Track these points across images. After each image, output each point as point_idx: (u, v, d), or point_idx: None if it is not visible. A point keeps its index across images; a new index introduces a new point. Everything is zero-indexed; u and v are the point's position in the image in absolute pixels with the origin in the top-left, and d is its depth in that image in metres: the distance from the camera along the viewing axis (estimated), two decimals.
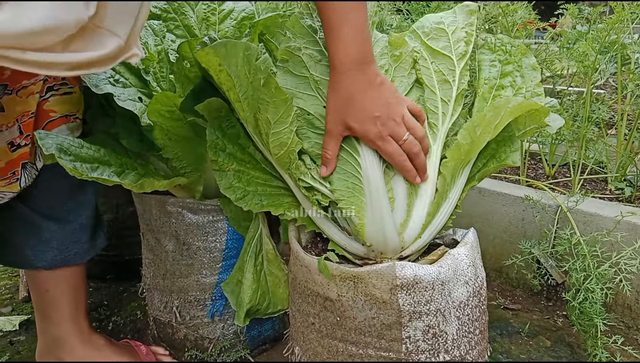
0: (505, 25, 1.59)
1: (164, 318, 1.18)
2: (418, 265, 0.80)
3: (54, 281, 1.07)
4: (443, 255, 0.87)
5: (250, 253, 1.08)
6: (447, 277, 0.81)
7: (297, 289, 0.93)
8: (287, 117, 0.83)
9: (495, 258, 1.54)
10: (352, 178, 0.87)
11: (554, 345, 1.26)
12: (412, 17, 1.79)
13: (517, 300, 1.46)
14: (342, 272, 0.82)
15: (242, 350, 1.18)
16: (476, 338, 0.86)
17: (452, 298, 0.82)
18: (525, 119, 0.94)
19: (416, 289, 0.79)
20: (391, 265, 0.79)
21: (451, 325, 0.82)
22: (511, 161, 0.92)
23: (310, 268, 0.88)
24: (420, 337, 0.80)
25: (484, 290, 0.90)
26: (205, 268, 1.12)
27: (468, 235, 0.93)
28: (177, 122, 0.96)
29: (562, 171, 1.73)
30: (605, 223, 1.30)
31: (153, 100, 0.91)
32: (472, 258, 0.87)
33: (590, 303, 1.08)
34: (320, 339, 0.88)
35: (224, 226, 1.11)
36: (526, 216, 1.46)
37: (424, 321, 0.80)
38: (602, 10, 1.68)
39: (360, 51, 0.81)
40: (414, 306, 0.79)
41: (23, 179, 0.93)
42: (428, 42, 0.94)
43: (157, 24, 1.11)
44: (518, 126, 0.95)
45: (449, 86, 0.92)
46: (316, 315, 0.88)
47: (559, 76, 1.90)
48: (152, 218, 1.13)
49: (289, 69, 0.88)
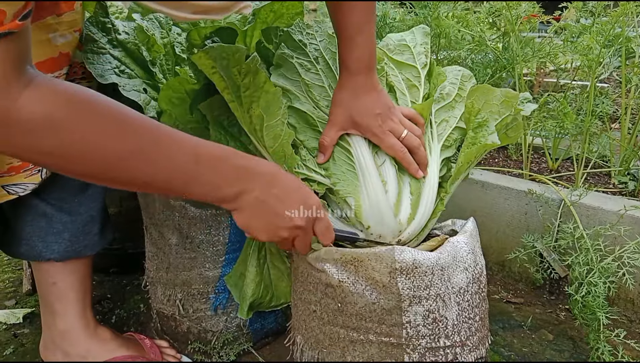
0: (509, 18, 1.59)
1: (167, 311, 1.18)
2: (417, 250, 0.81)
3: (63, 274, 1.08)
4: (443, 242, 0.88)
5: (253, 247, 1.08)
6: (447, 263, 0.82)
7: (298, 278, 0.94)
8: (278, 110, 0.90)
9: (498, 252, 1.54)
10: (346, 164, 0.95)
11: (557, 338, 1.26)
12: (415, 10, 1.78)
13: (520, 294, 1.46)
14: (342, 255, 0.83)
15: (245, 343, 1.18)
16: (476, 324, 0.87)
17: (452, 283, 0.83)
18: (499, 106, 1.01)
19: (415, 273, 0.80)
20: (390, 249, 0.80)
21: (451, 311, 0.83)
22: (492, 141, 0.97)
23: (311, 257, 0.88)
24: (421, 321, 0.81)
25: (484, 277, 0.90)
26: (208, 261, 1.12)
27: (467, 224, 0.94)
28: (186, 111, 0.96)
29: (566, 165, 1.73)
30: (609, 216, 1.30)
31: (165, 85, 0.91)
32: (472, 246, 0.88)
33: (593, 296, 1.08)
34: (321, 326, 0.89)
35: (227, 219, 1.11)
36: (529, 210, 1.45)
37: (424, 306, 0.81)
38: (607, 4, 1.67)
39: (370, 58, 0.92)
40: (413, 290, 0.80)
41: (44, 171, 0.95)
42: (393, 56, 1.08)
43: (164, 17, 1.11)
44: (493, 116, 1.01)
45: (417, 90, 1.05)
46: (317, 302, 0.89)
47: (563, 70, 1.89)
48: (156, 212, 1.13)
49: (282, 72, 0.98)
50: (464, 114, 1.03)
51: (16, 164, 0.92)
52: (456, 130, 1.03)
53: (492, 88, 1.01)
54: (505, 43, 1.71)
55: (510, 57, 1.61)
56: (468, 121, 1.02)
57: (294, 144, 0.95)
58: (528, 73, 2.08)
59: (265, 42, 1.02)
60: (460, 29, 1.68)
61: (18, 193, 0.95)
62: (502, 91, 1.00)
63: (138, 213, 1.51)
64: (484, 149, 1.00)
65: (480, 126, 1.00)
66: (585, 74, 1.83)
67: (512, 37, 1.62)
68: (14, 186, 0.94)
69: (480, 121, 1.00)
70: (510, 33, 1.63)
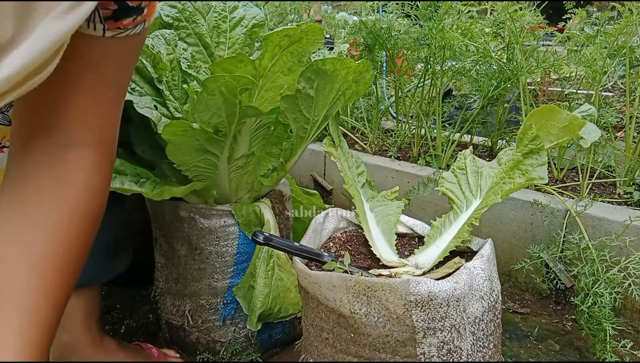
0: (513, 30, 1.60)
1: (176, 322, 1.20)
2: (432, 281, 0.79)
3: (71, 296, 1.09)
4: (458, 268, 0.86)
5: (261, 259, 1.09)
6: (463, 293, 0.80)
7: (309, 303, 0.93)
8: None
9: (504, 262, 1.55)
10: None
11: (563, 348, 1.26)
12: (420, 22, 1.80)
13: (526, 304, 1.47)
14: (356, 283, 0.81)
15: (253, 354, 1.19)
16: (490, 352, 0.86)
17: (467, 313, 0.81)
18: (559, 130, 0.91)
19: (431, 306, 0.78)
20: (405, 281, 0.78)
21: (466, 341, 0.81)
22: (537, 176, 0.89)
23: (321, 284, 0.87)
24: (435, 352, 0.80)
25: (499, 303, 0.89)
26: (217, 272, 1.13)
27: (485, 247, 0.91)
28: (190, 138, 0.98)
29: (571, 175, 1.73)
30: (614, 227, 1.30)
31: (167, 126, 0.92)
32: (489, 272, 0.86)
33: (599, 307, 1.09)
34: (334, 354, 0.88)
35: (236, 230, 1.12)
36: (535, 221, 1.46)
37: (439, 337, 0.79)
38: (611, 15, 1.68)
39: None
40: (428, 322, 0.78)
41: None
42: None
43: (169, 33, 1.13)
44: (549, 137, 0.93)
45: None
46: (330, 331, 0.87)
47: (567, 79, 1.90)
48: (165, 223, 1.15)
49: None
50: (519, 133, 0.94)
51: None
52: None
53: (558, 110, 0.91)
54: (509, 54, 1.72)
55: (514, 68, 1.62)
56: (520, 141, 0.93)
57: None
58: (532, 83, 2.09)
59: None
60: (465, 41, 1.69)
61: None
62: (568, 115, 0.90)
63: (146, 224, 1.53)
64: (525, 186, 0.92)
65: (531, 153, 0.91)
66: (590, 83, 1.84)
67: (516, 49, 1.64)
68: None
69: (532, 148, 0.91)
70: (514, 45, 1.64)
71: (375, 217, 1.07)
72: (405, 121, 2.11)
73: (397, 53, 1.95)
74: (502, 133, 1.94)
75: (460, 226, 0.96)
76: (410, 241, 1.09)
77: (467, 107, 1.90)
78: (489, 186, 0.98)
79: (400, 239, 1.09)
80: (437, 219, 1.03)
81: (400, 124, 2.13)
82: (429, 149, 1.92)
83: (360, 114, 2.30)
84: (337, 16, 2.54)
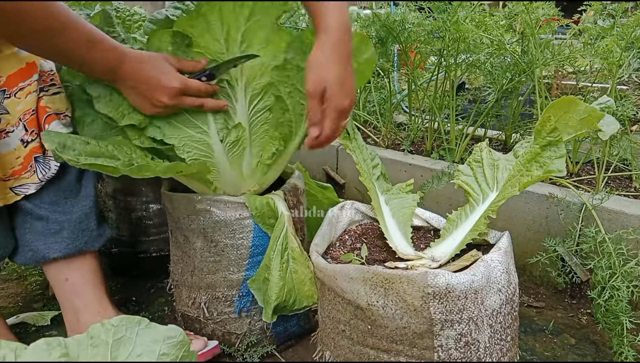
0: (528, 22, 1.59)
1: (192, 314, 1.20)
2: (450, 274, 0.78)
3: (71, 269, 1.15)
4: (476, 260, 0.86)
5: (276, 251, 1.10)
6: (480, 285, 0.80)
7: (325, 295, 0.93)
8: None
9: (519, 256, 1.54)
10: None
11: (579, 342, 1.26)
12: (433, 15, 1.79)
13: (541, 298, 1.46)
14: (374, 274, 0.81)
15: (268, 346, 1.20)
16: (507, 345, 0.85)
17: (485, 306, 0.81)
18: (577, 122, 0.91)
19: (449, 298, 0.78)
20: (424, 273, 0.78)
21: (484, 333, 0.81)
22: (556, 168, 0.89)
23: (338, 276, 0.87)
24: (453, 345, 0.80)
25: (517, 296, 0.88)
26: (232, 264, 1.14)
27: (502, 240, 0.91)
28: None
29: (586, 169, 1.72)
30: (631, 220, 1.29)
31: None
32: (506, 264, 0.85)
33: (616, 301, 1.08)
34: (351, 346, 0.88)
35: (251, 223, 1.13)
36: (550, 214, 1.45)
37: (456, 329, 0.79)
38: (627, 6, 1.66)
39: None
40: (445, 314, 0.78)
41: (39, 171, 1.05)
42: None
43: None
44: (567, 130, 0.92)
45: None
46: (347, 323, 0.88)
47: (582, 72, 1.88)
48: (181, 216, 1.16)
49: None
50: (537, 125, 0.95)
51: (17, 168, 1.03)
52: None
53: (578, 101, 0.91)
54: (524, 47, 1.71)
55: (529, 61, 1.61)
56: (538, 134, 0.94)
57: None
58: (546, 76, 2.07)
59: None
60: (479, 33, 1.68)
61: (24, 192, 1.07)
62: (587, 107, 0.91)
63: (161, 217, 1.54)
64: (543, 178, 0.92)
65: (549, 145, 0.92)
66: (605, 76, 1.82)
67: (531, 41, 1.62)
68: (19, 187, 1.06)
69: (551, 140, 0.91)
70: (529, 37, 1.63)
71: (391, 210, 1.07)
72: (418, 114, 2.11)
73: (410, 46, 1.94)
74: (517, 126, 1.92)
75: (477, 218, 0.96)
76: (426, 234, 1.09)
77: (481, 100, 1.89)
78: (506, 178, 0.98)
79: (416, 232, 1.08)
80: (453, 212, 1.02)
81: (413, 117, 2.13)
82: (442, 142, 1.91)
83: (373, 108, 2.30)
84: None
